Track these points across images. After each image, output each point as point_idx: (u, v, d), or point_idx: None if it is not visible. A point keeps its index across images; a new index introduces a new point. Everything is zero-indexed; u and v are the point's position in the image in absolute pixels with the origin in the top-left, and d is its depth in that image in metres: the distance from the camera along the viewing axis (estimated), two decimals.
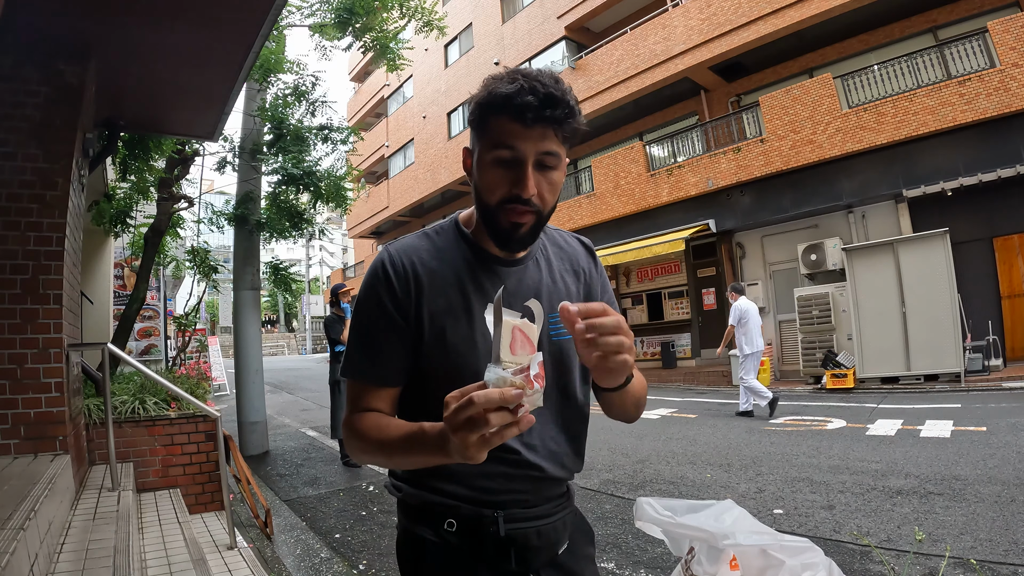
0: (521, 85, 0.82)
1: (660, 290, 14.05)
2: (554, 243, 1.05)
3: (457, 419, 0.64)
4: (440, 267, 0.93)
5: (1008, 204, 8.61)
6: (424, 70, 21.55)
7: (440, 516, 0.93)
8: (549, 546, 0.97)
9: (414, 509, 0.96)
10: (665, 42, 12.58)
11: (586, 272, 1.05)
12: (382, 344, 0.91)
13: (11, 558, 1.53)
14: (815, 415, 6.90)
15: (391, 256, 0.93)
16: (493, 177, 0.87)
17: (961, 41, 9.07)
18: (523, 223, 0.88)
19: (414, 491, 0.95)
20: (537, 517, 0.95)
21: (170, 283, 10.92)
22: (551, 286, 0.98)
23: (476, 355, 0.89)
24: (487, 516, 0.91)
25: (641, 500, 1.15)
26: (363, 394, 0.93)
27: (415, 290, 0.91)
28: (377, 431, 0.88)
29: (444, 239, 0.97)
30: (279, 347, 45.51)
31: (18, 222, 2.94)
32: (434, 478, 0.92)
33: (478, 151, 0.89)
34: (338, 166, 7.16)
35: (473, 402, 0.63)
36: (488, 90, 0.85)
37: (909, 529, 3.18)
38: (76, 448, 3.15)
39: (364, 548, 3.50)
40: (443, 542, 0.93)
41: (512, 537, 0.92)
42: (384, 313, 0.91)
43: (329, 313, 5.99)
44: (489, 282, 0.93)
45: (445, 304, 0.90)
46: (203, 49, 3.66)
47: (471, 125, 0.91)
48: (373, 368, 0.92)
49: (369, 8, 6.69)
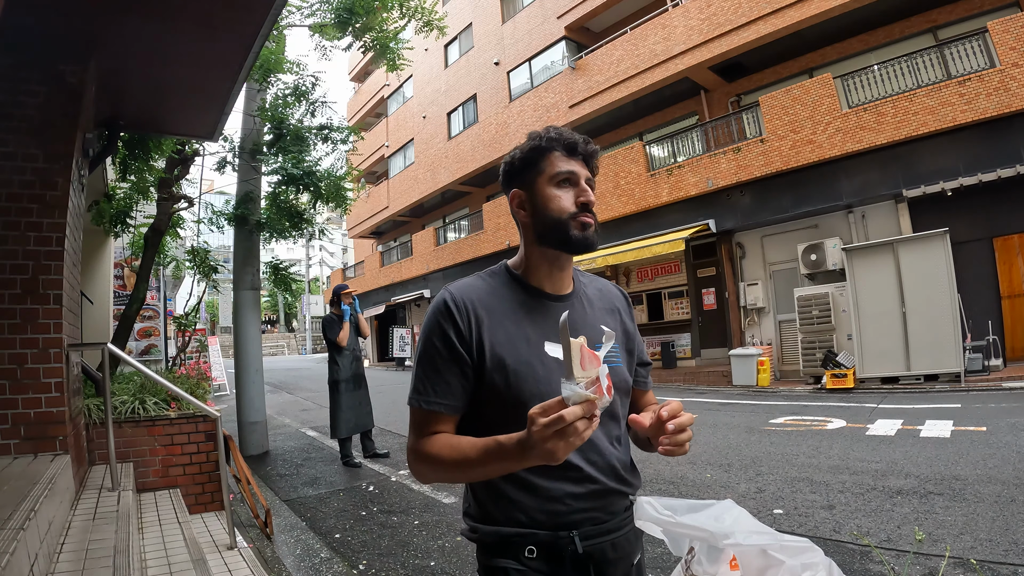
0: (562, 132, 1.07)
1: (660, 290, 14.04)
2: (594, 286, 1.21)
3: (548, 431, 0.77)
4: (497, 303, 1.06)
5: (1008, 204, 8.60)
6: (424, 70, 21.54)
7: (519, 546, 1.01)
8: (625, 557, 1.07)
9: (493, 546, 1.04)
10: (665, 42, 12.58)
11: (622, 312, 1.21)
12: (447, 375, 1.02)
13: (11, 558, 1.53)
14: (815, 415, 6.89)
15: (453, 296, 1.05)
16: (560, 196, 1.05)
17: (961, 41, 9.06)
18: (590, 224, 1.05)
19: (491, 528, 1.03)
20: (609, 531, 1.04)
21: (170, 283, 10.92)
22: (594, 320, 1.13)
23: (535, 376, 1.00)
24: (563, 537, 1.00)
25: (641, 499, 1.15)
26: (429, 420, 1.03)
27: (476, 324, 1.02)
28: (451, 450, 0.97)
29: (497, 281, 1.11)
30: (279, 347, 45.52)
31: (18, 222, 2.94)
32: (508, 511, 1.01)
33: (536, 184, 1.07)
34: (338, 166, 7.16)
35: (564, 418, 0.76)
36: (538, 137, 1.07)
37: (909, 529, 3.18)
38: (76, 448, 3.15)
39: (364, 548, 3.50)
40: (527, 569, 1.00)
41: (590, 553, 1.01)
42: (449, 347, 1.01)
43: (328, 313, 5.97)
44: (540, 315, 1.07)
45: (504, 335, 1.02)
46: (203, 49, 3.65)
47: (518, 171, 1.09)
48: (439, 397, 1.02)
49: (369, 8, 6.68)
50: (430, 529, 3.74)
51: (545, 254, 1.09)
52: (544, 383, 1.00)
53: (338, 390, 5.70)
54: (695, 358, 13.03)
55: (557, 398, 0.78)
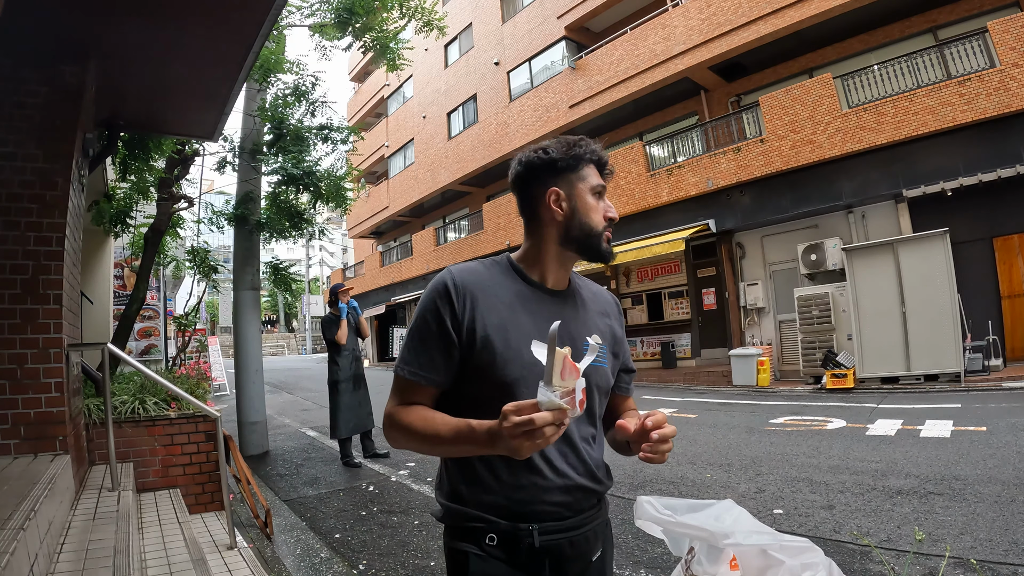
0: (597, 148, 1.14)
1: (660, 290, 14.04)
2: (588, 289, 1.25)
3: (517, 430, 0.83)
4: (495, 289, 1.09)
5: (1008, 204, 8.60)
6: (424, 70, 21.53)
7: (482, 532, 1.05)
8: (582, 555, 1.10)
9: (459, 530, 1.08)
10: (665, 42, 12.57)
11: (612, 317, 1.25)
12: (433, 352, 1.06)
13: (11, 558, 1.53)
14: (815, 415, 6.89)
15: (454, 278, 1.08)
16: (594, 205, 1.11)
17: (961, 41, 9.06)
18: (610, 239, 1.14)
19: (457, 507, 1.08)
20: (569, 529, 1.07)
21: (170, 283, 10.92)
22: (586, 320, 1.17)
23: (522, 362, 1.03)
24: (523, 530, 1.03)
25: (641, 499, 1.15)
26: (410, 389, 1.08)
27: (471, 306, 1.06)
28: (423, 422, 1.02)
29: (498, 269, 1.14)
30: (279, 347, 45.52)
31: (18, 222, 2.94)
32: (476, 492, 1.05)
33: (578, 189, 1.11)
34: (338, 166, 7.16)
35: (534, 422, 0.81)
36: (578, 145, 1.11)
37: (909, 529, 3.18)
38: (76, 448, 3.15)
39: (364, 548, 3.50)
40: (486, 555, 1.05)
41: (546, 548, 1.04)
42: (440, 326, 1.05)
43: (327, 313, 5.98)
44: (536, 305, 1.10)
45: (497, 319, 1.06)
46: (203, 49, 3.65)
47: (559, 170, 1.11)
48: (421, 369, 1.06)
49: (369, 8, 6.68)
50: (430, 529, 3.74)
51: (562, 254, 1.13)
52: (528, 368, 1.03)
53: (338, 390, 5.70)
54: (695, 358, 13.03)
55: (532, 400, 0.83)
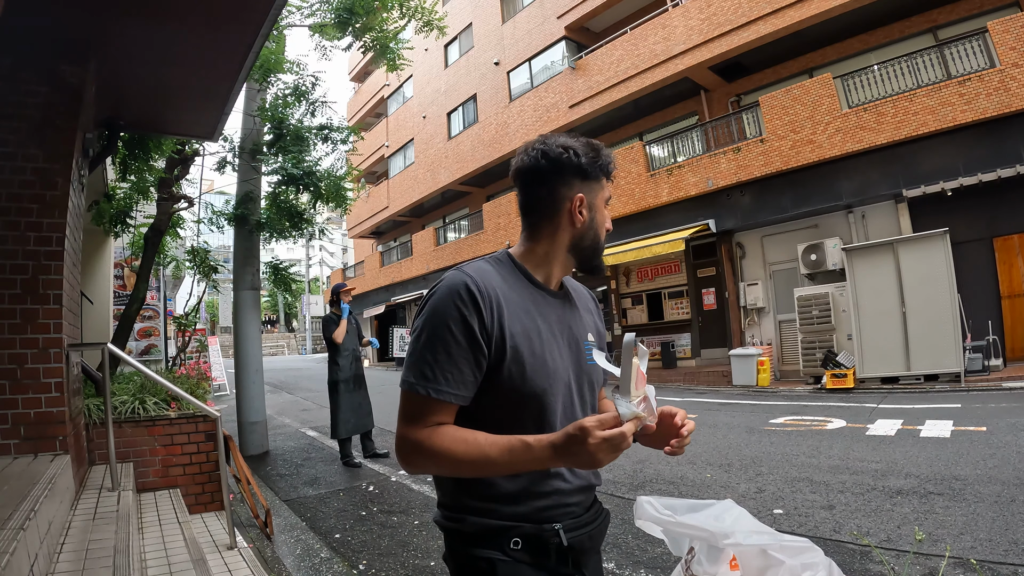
0: (611, 158, 1.10)
1: (660, 290, 14.04)
2: (572, 287, 1.23)
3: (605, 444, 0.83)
4: (512, 294, 1.03)
5: (1008, 204, 8.60)
6: (424, 70, 21.53)
7: (506, 537, 1.01)
8: (595, 546, 1.12)
9: (475, 536, 1.02)
10: (665, 42, 12.57)
11: (594, 312, 1.25)
12: (461, 364, 0.96)
13: (11, 558, 1.53)
14: (815, 415, 6.89)
15: (475, 281, 0.99)
16: (606, 218, 1.12)
17: (961, 41, 9.06)
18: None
19: (476, 519, 1.02)
20: (586, 524, 1.08)
21: (170, 283, 10.92)
22: (580, 319, 1.17)
23: (547, 371, 1.02)
24: (548, 530, 1.02)
25: (641, 499, 1.15)
26: (432, 410, 0.97)
27: (498, 313, 0.98)
28: (465, 445, 0.94)
29: (505, 269, 1.08)
30: (279, 347, 45.51)
31: (18, 222, 2.94)
32: (490, 504, 1.01)
33: (598, 199, 1.09)
34: (338, 166, 7.16)
35: (625, 436, 0.83)
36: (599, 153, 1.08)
37: (909, 529, 3.18)
38: (76, 448, 3.15)
39: (364, 548, 3.50)
40: (512, 560, 1.01)
41: (572, 545, 1.04)
42: (469, 335, 0.95)
43: (328, 312, 5.99)
44: (545, 308, 1.08)
45: (520, 327, 1.00)
46: (203, 49, 3.65)
47: (586, 175, 1.07)
48: (450, 387, 0.96)
49: (369, 8, 6.69)
50: (430, 529, 3.74)
51: (568, 259, 1.11)
52: (553, 378, 1.02)
53: (338, 391, 5.70)
54: (695, 358, 13.03)
55: (613, 413, 0.84)
